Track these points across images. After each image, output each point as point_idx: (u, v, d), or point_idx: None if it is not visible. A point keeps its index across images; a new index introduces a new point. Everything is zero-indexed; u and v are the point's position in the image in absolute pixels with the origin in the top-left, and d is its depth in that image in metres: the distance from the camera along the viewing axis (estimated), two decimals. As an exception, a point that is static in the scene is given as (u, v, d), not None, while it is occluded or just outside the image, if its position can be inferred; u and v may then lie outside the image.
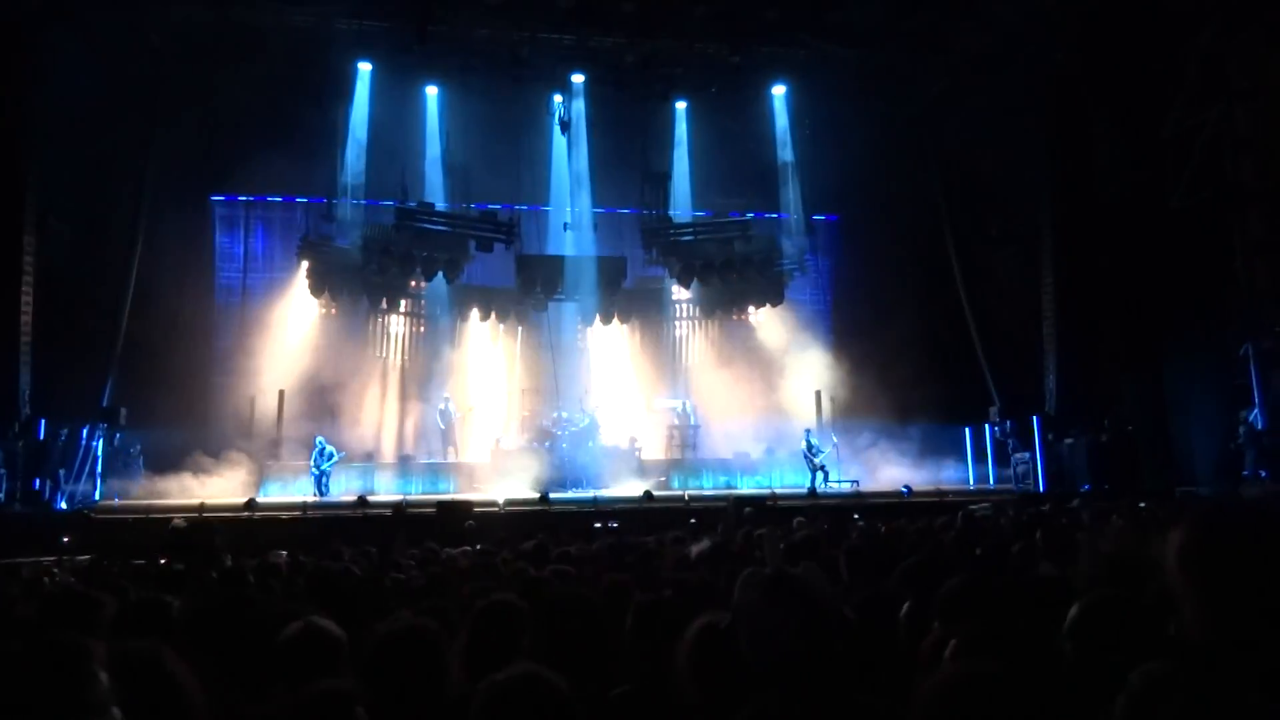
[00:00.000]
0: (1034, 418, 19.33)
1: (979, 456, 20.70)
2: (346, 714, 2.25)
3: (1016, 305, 20.71)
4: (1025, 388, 20.11)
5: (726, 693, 2.31)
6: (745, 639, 2.20)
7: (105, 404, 17.84)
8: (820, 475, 18.96)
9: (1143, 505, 11.92)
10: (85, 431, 17.30)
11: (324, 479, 17.99)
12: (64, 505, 16.31)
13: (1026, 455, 19.24)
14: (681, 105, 21.69)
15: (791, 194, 22.09)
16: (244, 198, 21.86)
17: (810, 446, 19.22)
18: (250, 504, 15.86)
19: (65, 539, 10.39)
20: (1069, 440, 18.84)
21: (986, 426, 20.58)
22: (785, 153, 22.00)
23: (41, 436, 16.41)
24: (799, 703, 2.06)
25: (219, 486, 17.73)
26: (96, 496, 17.25)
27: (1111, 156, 18.30)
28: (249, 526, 14.36)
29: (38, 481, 15.89)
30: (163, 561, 7.42)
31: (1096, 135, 18.62)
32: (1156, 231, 16.90)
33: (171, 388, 18.45)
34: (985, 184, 21.06)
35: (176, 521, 12.61)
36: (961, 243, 21.43)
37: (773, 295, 21.88)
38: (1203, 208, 15.99)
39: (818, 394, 21.20)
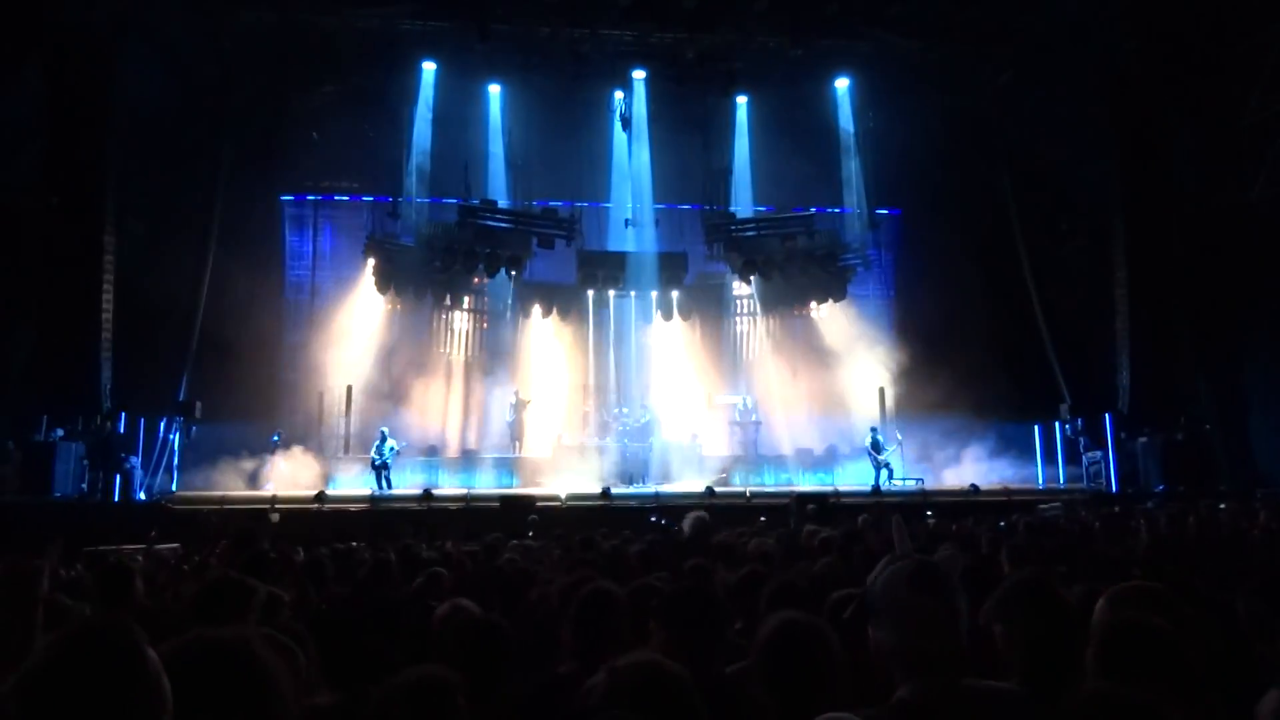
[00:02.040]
0: (1106, 416, 18.86)
1: (1048, 455, 20.24)
2: (450, 700, 2.33)
3: (1087, 300, 20.22)
4: (1097, 385, 19.63)
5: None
6: (886, 626, 2.17)
7: (181, 398, 18.37)
8: (885, 473, 18.75)
9: (1222, 506, 11.59)
10: (163, 425, 17.85)
11: (385, 471, 18.21)
12: (142, 496, 16.86)
13: (1098, 454, 18.78)
14: (742, 100, 21.58)
15: (854, 188, 21.83)
16: (312, 197, 22.34)
17: (875, 443, 19.01)
18: (320, 496, 16.24)
19: (153, 531, 10.76)
20: (1142, 439, 18.35)
21: (1056, 424, 20.09)
22: (848, 146, 21.76)
23: (122, 429, 16.95)
24: (942, 690, 2.05)
25: (289, 479, 18.17)
26: (174, 488, 17.80)
27: (1186, 147, 17.77)
28: (318, 518, 14.72)
29: (118, 473, 16.41)
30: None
31: (1170, 125, 18.09)
32: (1234, 224, 16.37)
33: (244, 383, 18.91)
34: (1053, 176, 20.59)
35: (273, 516, 13.14)
36: (1029, 236, 20.98)
37: (835, 290, 21.65)
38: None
39: (881, 390, 20.95)
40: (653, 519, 13.00)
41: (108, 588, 5.17)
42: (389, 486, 18.10)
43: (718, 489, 17.36)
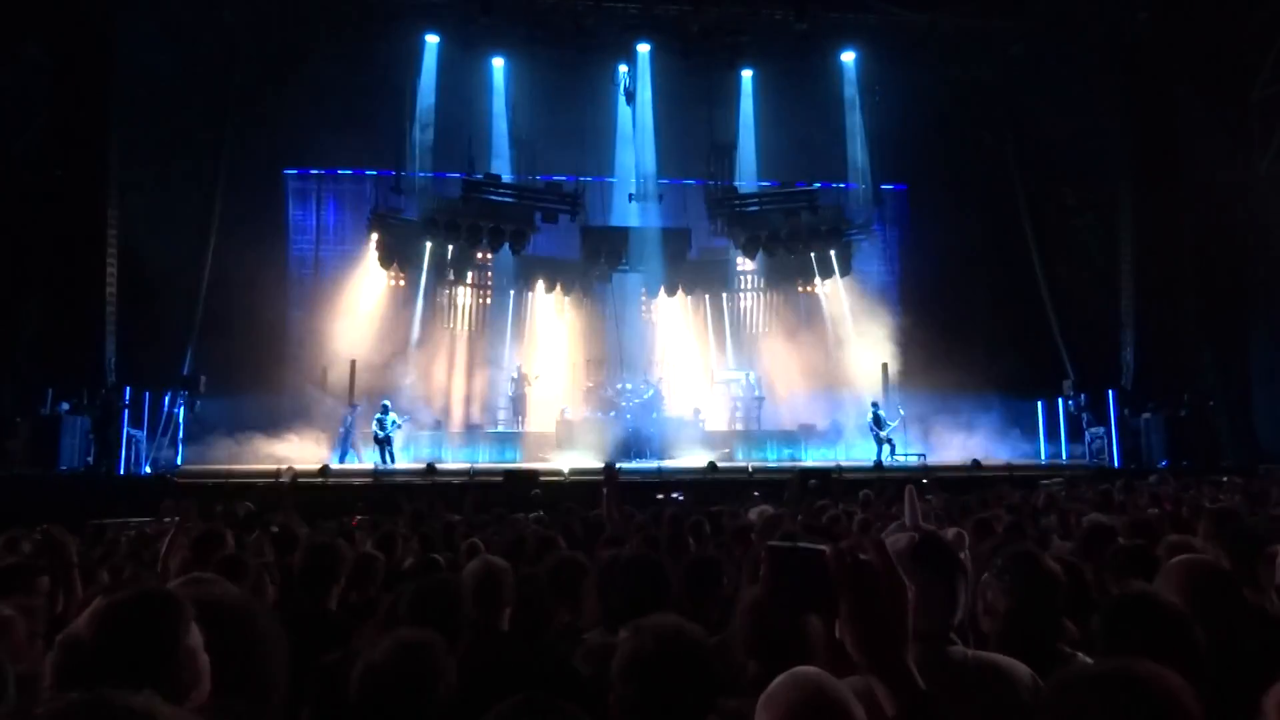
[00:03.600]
0: (1109, 392, 18.84)
1: (1051, 432, 20.24)
2: (436, 661, 2.40)
3: (1093, 276, 20.17)
4: (1101, 361, 19.61)
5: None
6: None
7: (186, 372, 18.42)
8: (887, 448, 18.78)
9: (1224, 480, 11.61)
10: (167, 398, 17.91)
11: (388, 445, 18.25)
12: (148, 469, 16.95)
13: (1101, 430, 18.79)
14: (747, 74, 21.45)
15: (860, 163, 21.72)
16: (315, 171, 22.29)
17: (877, 418, 19.03)
18: (324, 470, 16.29)
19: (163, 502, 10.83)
20: (1146, 415, 18.35)
21: (1060, 400, 20.08)
22: (853, 121, 21.63)
23: (126, 403, 17.01)
24: (929, 658, 2.07)
25: (293, 453, 18.21)
26: (178, 461, 17.88)
27: (1194, 121, 17.63)
28: (322, 492, 14.77)
29: (123, 446, 16.50)
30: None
31: (1179, 99, 17.94)
32: (1241, 199, 16.28)
33: (248, 357, 18.92)
34: (1061, 150, 20.43)
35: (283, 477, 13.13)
36: (1036, 211, 20.89)
37: (839, 266, 21.60)
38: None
39: (884, 366, 20.93)
40: (671, 495, 12.98)
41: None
42: (391, 460, 18.17)
43: (720, 464, 17.39)
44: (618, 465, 16.79)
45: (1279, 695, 1.66)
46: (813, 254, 21.54)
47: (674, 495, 13.73)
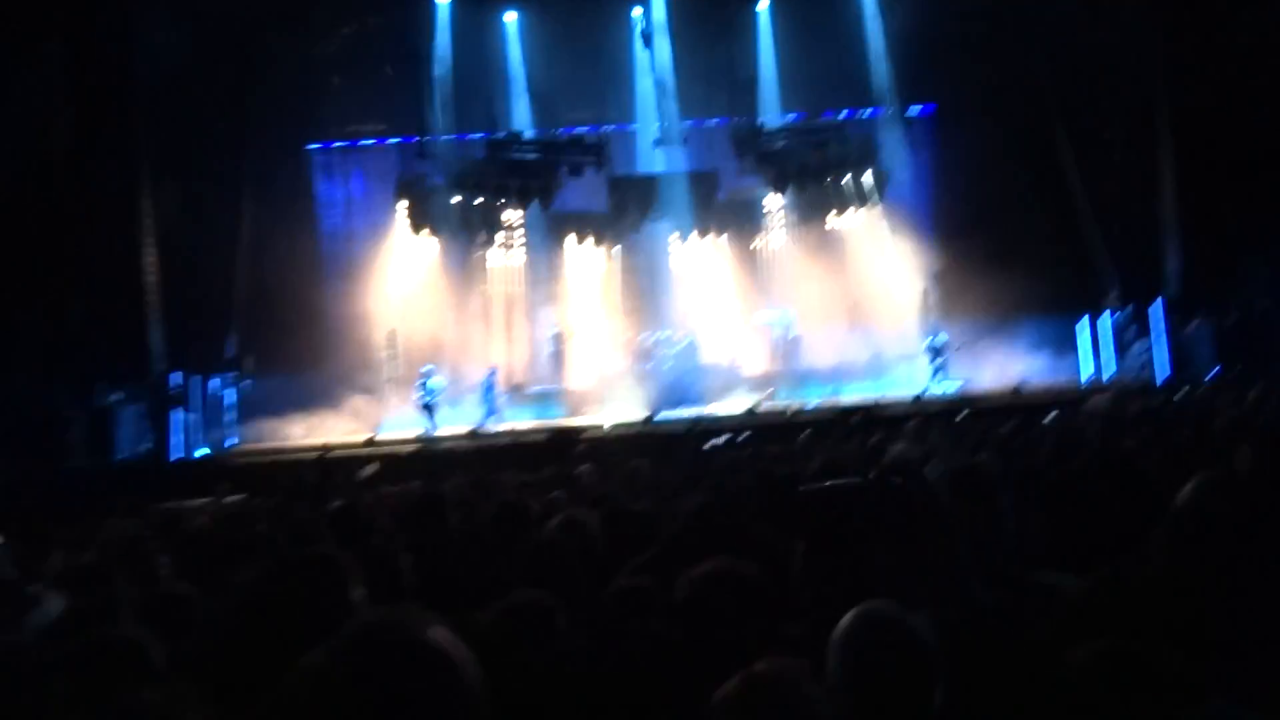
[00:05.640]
0: (1157, 301, 18.40)
1: (1096, 348, 19.85)
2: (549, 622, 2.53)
3: (1132, 184, 19.55)
4: (1146, 272, 19.11)
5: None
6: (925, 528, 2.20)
7: (231, 353, 18.79)
8: (941, 375, 18.70)
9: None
10: (215, 382, 18.30)
11: (433, 411, 18.44)
12: (205, 452, 17.41)
13: (1148, 342, 18.39)
14: (764, 5, 20.97)
15: (886, 87, 21.20)
16: (339, 144, 22.32)
17: (933, 347, 18.97)
18: (370, 441, 16.60)
19: (224, 484, 11.13)
20: (1195, 323, 17.91)
21: (1107, 312, 19.61)
22: (877, 43, 21.06)
23: (175, 388, 17.40)
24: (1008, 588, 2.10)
25: (339, 426, 18.57)
26: (234, 441, 18.33)
27: (1234, 18, 16.93)
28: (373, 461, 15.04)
29: (177, 431, 16.93)
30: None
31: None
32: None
33: (289, 334, 19.21)
34: (1096, 57, 19.73)
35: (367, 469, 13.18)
36: (1071, 120, 20.25)
37: (872, 195, 21.22)
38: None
39: (924, 293, 20.64)
40: (718, 441, 12.92)
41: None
42: (436, 426, 18.43)
43: (762, 407, 17.39)
44: (658, 416, 16.92)
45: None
46: (844, 183, 21.17)
47: (718, 441, 13.67)
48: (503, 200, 20.65)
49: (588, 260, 22.64)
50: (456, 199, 20.48)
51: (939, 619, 1.75)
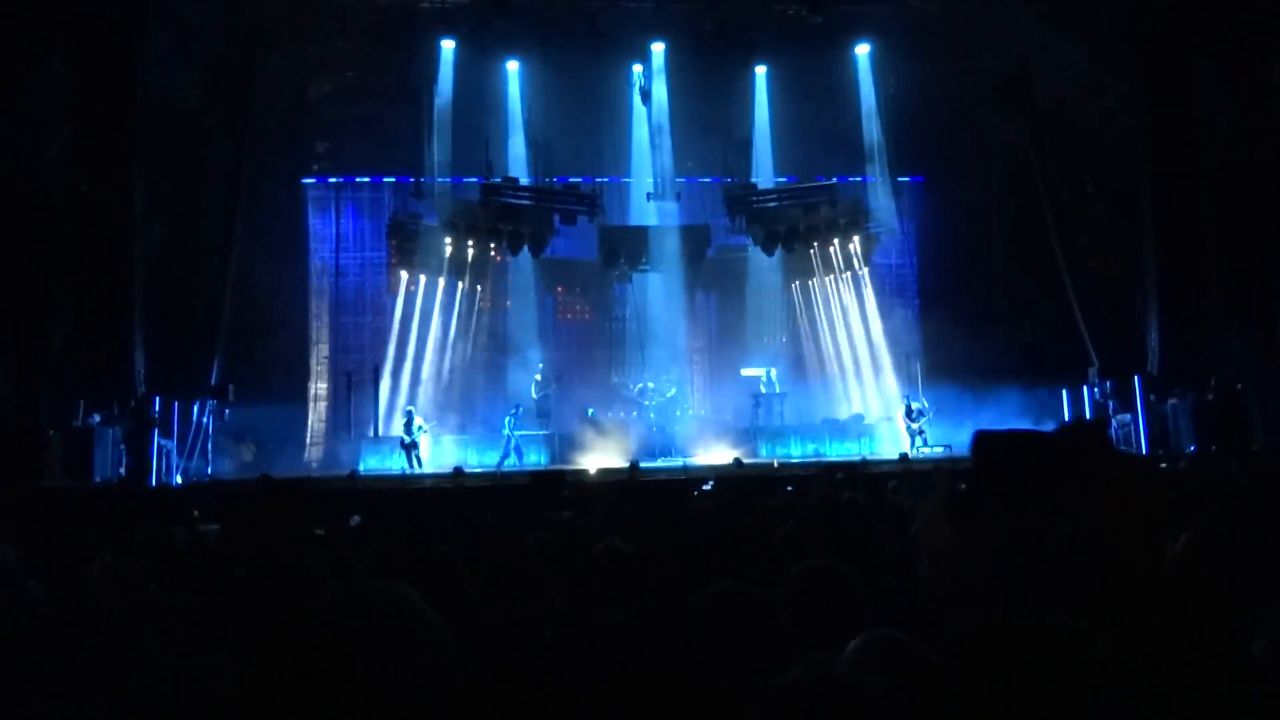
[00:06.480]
0: (1135, 378, 18.68)
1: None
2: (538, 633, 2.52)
3: (1115, 260, 20.00)
4: (1126, 347, 19.43)
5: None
6: (923, 559, 2.21)
7: (214, 382, 18.59)
8: (919, 439, 18.77)
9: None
10: (196, 409, 18.06)
11: (414, 450, 18.39)
12: (179, 480, 17.11)
13: (1127, 417, 18.62)
14: (761, 70, 21.42)
15: (877, 156, 21.66)
16: (334, 179, 22.45)
17: (910, 411, 19.05)
18: (352, 475, 16.42)
19: (195, 512, 10.91)
20: (1173, 400, 18.16)
21: (1084, 388, 19.92)
22: (869, 114, 21.56)
23: (156, 414, 17.16)
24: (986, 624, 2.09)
25: (322, 459, 18.38)
26: (209, 471, 18.05)
27: (1215, 100, 17.47)
28: (351, 497, 14.86)
29: (154, 457, 16.65)
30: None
31: (1199, 78, 17.77)
32: (1265, 178, 16.12)
33: (273, 366, 19.13)
34: (1080, 135, 20.31)
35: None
36: (1055, 196, 20.72)
37: (859, 259, 21.56)
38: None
39: (907, 357, 20.88)
40: (701, 489, 12.96)
41: None
42: (419, 465, 18.28)
43: (745, 460, 17.39)
44: (642, 464, 16.86)
45: None
46: (832, 248, 21.50)
47: (704, 487, 13.65)
48: (494, 244, 20.74)
49: (575, 308, 22.72)
50: (448, 240, 20.55)
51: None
